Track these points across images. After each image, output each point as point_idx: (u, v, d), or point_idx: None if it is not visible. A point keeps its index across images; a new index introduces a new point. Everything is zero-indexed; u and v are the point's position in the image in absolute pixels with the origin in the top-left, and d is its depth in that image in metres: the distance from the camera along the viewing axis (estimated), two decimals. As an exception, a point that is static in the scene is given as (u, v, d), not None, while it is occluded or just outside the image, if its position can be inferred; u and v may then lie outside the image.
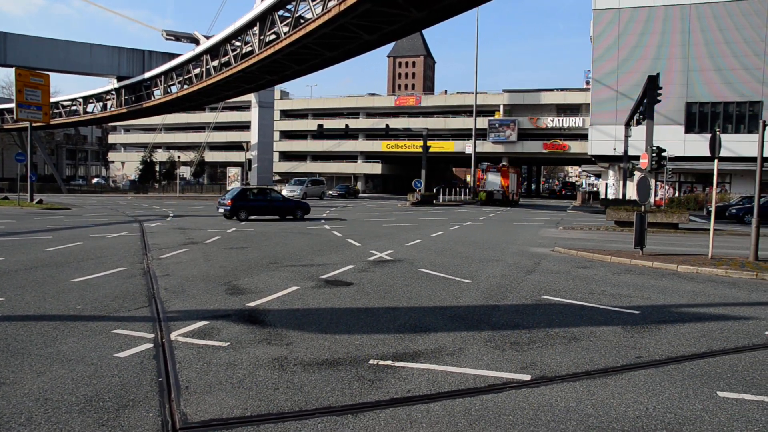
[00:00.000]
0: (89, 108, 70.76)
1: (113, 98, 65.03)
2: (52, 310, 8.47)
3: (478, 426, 4.73)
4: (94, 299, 9.17)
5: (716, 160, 15.27)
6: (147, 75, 58.89)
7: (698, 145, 43.73)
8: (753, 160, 15.36)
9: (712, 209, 16.13)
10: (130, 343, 6.85)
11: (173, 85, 55.80)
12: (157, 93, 59.02)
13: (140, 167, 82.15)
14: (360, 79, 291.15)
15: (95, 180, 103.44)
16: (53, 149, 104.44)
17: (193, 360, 6.27)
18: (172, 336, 7.16)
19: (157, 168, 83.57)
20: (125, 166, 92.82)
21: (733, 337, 7.60)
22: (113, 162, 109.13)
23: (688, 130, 49.46)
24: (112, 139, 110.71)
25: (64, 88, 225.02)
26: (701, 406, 5.25)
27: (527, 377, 5.91)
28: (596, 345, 7.12)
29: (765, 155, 14.55)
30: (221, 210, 27.36)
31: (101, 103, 68.59)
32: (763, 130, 14.58)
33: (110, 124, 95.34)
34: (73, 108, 73.04)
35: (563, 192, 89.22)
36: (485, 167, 55.37)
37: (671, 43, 49.71)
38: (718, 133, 15.27)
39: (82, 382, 5.52)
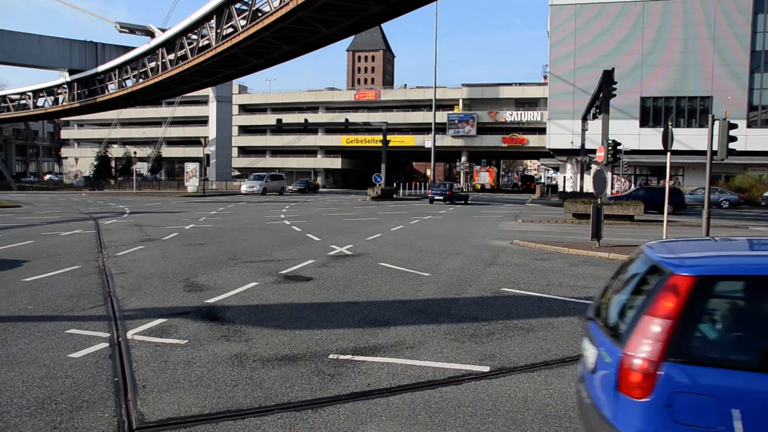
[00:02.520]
0: (39, 102, 68.66)
1: (65, 92, 63.26)
2: (1, 311, 8.22)
3: (438, 418, 4.77)
4: (46, 299, 8.93)
5: (669, 154, 15.63)
6: (100, 68, 57.42)
7: (652, 138, 44.77)
8: (704, 153, 15.79)
9: (665, 201, 16.52)
10: (85, 342, 6.70)
11: (128, 79, 54.57)
12: (112, 87, 57.60)
13: (95, 163, 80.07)
14: (319, 74, 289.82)
15: (48, 176, 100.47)
16: (1, 145, 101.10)
17: (150, 359, 6.17)
18: (129, 335, 7.02)
19: (113, 164, 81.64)
20: (79, 162, 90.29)
21: (685, 325, 7.80)
22: (66, 158, 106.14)
23: (643, 124, 50.67)
24: (65, 134, 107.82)
25: (12, 81, 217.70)
26: (654, 392, 5.37)
27: (486, 369, 5.98)
28: (554, 335, 7.23)
29: (714, 149, 14.97)
30: (438, 197, 41.74)
31: (52, 97, 66.64)
32: (713, 124, 14.99)
33: (62, 118, 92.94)
34: (22, 102, 70.81)
35: (531, 186, 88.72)
36: (479, 168, 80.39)
37: (626, 38, 50.77)
38: (670, 127, 15.63)
39: (33, 385, 5.37)
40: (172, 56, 45.43)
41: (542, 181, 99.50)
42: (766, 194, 37.56)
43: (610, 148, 23.94)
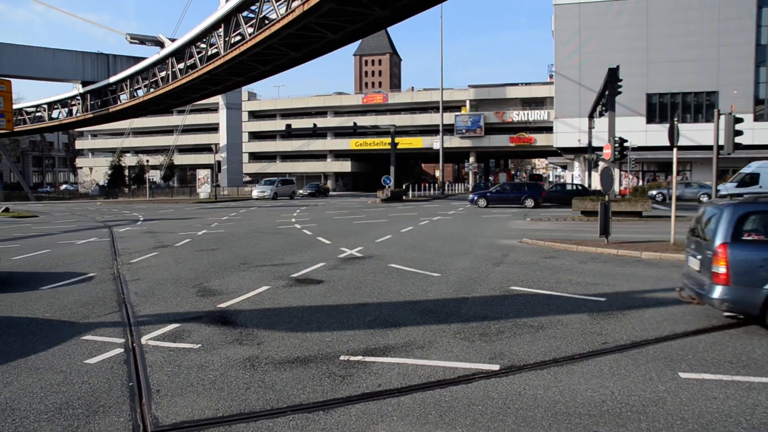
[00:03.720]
0: (54, 114, 69.50)
1: (79, 103, 63.99)
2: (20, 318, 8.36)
3: (448, 417, 4.82)
4: (63, 306, 9.07)
5: (675, 149, 15.60)
6: (112, 79, 58.02)
7: (659, 134, 44.45)
8: (711, 148, 15.74)
9: (673, 197, 16.47)
10: (100, 348, 6.81)
11: (139, 88, 55.11)
12: (124, 97, 58.19)
13: (109, 172, 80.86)
14: (327, 79, 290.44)
15: (63, 186, 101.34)
16: (18, 157, 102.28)
17: (164, 363, 6.27)
18: (143, 340, 7.13)
19: (126, 172, 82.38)
20: (94, 171, 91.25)
21: (694, 320, 7.81)
22: (81, 168, 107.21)
23: (649, 120, 50.45)
24: (80, 144, 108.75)
25: (27, 94, 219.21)
26: (664, 387, 5.40)
27: (496, 367, 6.02)
28: (563, 333, 7.26)
29: (721, 143, 14.92)
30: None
31: (66, 109, 67.41)
32: (718, 118, 14.95)
33: (77, 129, 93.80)
34: (38, 114, 71.66)
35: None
36: (497, 171, 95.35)
37: (631, 35, 50.55)
38: (676, 123, 15.60)
39: (50, 390, 5.48)
40: (181, 65, 45.82)
41: (551, 179, 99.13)
42: (701, 197, 37.26)
43: (616, 145, 23.92)
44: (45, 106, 69.63)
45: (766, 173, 33.47)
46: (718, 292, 7.05)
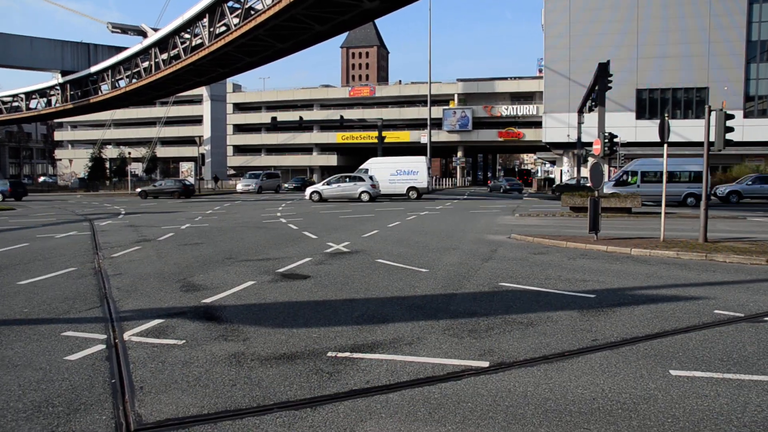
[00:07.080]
0: (32, 104, 68.44)
1: (58, 93, 63.08)
2: (-2, 313, 8.17)
3: (438, 414, 4.73)
4: (42, 301, 8.87)
5: (665, 145, 15.63)
6: (93, 69, 57.24)
7: (649, 130, 44.81)
8: (702, 144, 15.79)
9: (662, 194, 16.48)
10: (82, 345, 6.65)
11: (121, 79, 54.44)
12: (105, 88, 57.45)
13: (89, 164, 79.95)
14: (313, 71, 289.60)
15: (42, 179, 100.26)
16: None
17: (148, 359, 6.12)
18: (126, 336, 6.97)
19: (108, 165, 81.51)
20: (73, 163, 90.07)
21: (685, 317, 7.78)
22: (60, 160, 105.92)
23: (639, 116, 50.79)
24: (59, 136, 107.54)
25: (4, 84, 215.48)
26: (654, 384, 5.35)
27: (485, 364, 5.94)
28: (553, 330, 7.20)
29: (711, 139, 14.96)
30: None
31: (45, 99, 66.41)
32: (709, 115, 14.98)
33: (56, 120, 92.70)
34: (15, 104, 70.53)
35: (529, 180, 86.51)
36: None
37: (621, 30, 50.81)
38: (666, 118, 15.62)
39: (29, 388, 5.33)
40: (165, 56, 45.33)
41: (539, 175, 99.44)
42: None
43: (606, 140, 24.00)
44: (22, 95, 68.52)
45: (422, 168, 42.81)
46: None
